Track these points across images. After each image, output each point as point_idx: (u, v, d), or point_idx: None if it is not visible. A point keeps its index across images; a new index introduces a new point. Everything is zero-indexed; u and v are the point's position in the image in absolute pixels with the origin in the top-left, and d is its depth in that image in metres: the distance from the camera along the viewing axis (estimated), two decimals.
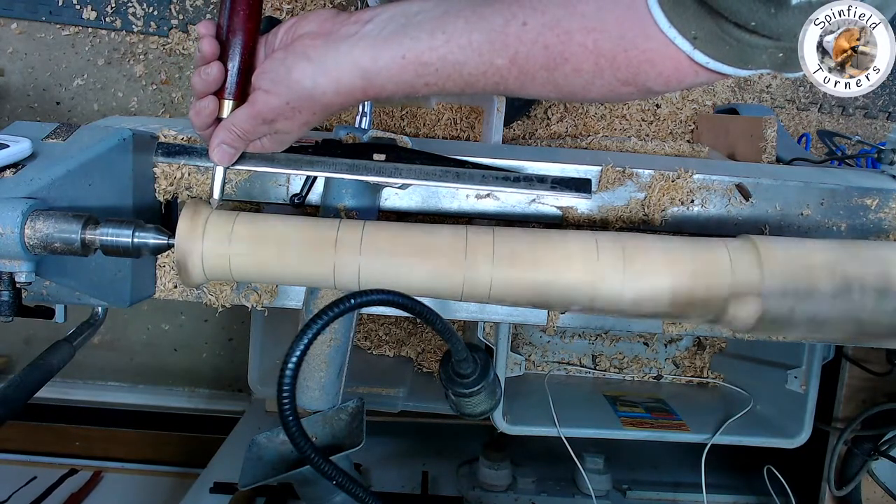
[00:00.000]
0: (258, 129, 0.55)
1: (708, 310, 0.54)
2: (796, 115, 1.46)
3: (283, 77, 0.52)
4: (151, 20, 1.37)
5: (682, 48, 0.46)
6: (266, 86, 0.52)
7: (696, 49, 0.46)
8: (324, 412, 0.71)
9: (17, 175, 0.54)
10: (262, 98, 0.53)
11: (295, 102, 0.52)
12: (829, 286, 0.52)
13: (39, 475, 1.40)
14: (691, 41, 0.46)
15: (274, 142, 0.57)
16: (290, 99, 0.52)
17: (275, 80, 0.52)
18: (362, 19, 0.52)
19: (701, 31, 0.45)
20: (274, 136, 0.56)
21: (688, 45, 0.46)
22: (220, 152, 0.55)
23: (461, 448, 1.34)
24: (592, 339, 1.35)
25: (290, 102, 0.52)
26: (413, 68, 0.50)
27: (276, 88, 0.52)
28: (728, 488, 1.24)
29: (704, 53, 0.46)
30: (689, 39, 0.46)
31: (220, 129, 0.55)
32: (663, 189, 0.68)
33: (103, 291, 0.62)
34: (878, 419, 1.05)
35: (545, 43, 0.48)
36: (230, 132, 0.54)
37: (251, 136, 0.55)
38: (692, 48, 0.46)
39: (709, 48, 0.46)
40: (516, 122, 1.39)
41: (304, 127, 0.55)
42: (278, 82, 0.52)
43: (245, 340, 1.32)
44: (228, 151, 0.56)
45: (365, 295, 0.44)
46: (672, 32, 0.46)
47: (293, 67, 0.51)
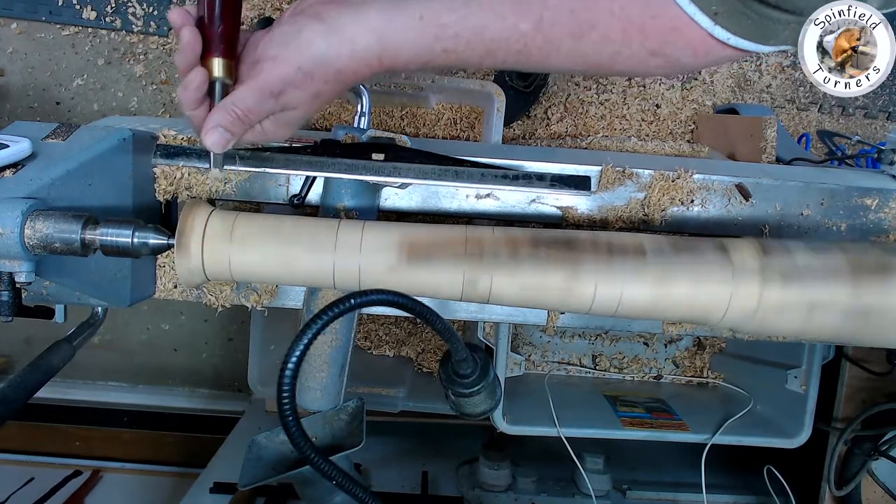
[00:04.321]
0: (263, 106, 0.48)
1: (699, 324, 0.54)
2: (796, 115, 1.46)
3: (293, 39, 0.47)
4: (151, 20, 1.37)
5: (702, 24, 0.45)
6: (274, 51, 0.48)
7: (717, 25, 0.45)
8: (324, 412, 0.71)
9: (16, 175, 0.54)
10: (268, 67, 0.48)
11: (307, 66, 0.47)
12: (821, 331, 0.52)
13: (39, 475, 1.40)
14: (712, 17, 0.44)
15: (278, 124, 0.51)
16: (301, 63, 0.47)
17: (283, 43, 0.47)
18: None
19: (722, 6, 0.44)
20: (279, 116, 0.50)
21: (708, 20, 0.45)
22: (216, 135, 0.48)
23: (461, 448, 1.34)
24: (592, 339, 1.35)
25: (301, 67, 0.47)
26: (431, 31, 0.47)
27: (286, 53, 0.47)
28: (728, 488, 1.24)
29: (726, 29, 0.45)
30: (710, 15, 0.44)
31: (217, 111, 0.48)
32: (663, 189, 0.68)
33: (103, 291, 0.62)
34: (878, 419, 1.05)
35: (571, 7, 0.46)
36: (229, 113, 0.48)
37: (254, 115, 0.49)
38: (713, 24, 0.45)
39: (731, 23, 0.45)
40: (516, 122, 1.39)
41: (314, 101, 0.50)
42: (287, 45, 0.47)
43: (245, 340, 1.32)
44: (225, 136, 0.48)
45: (365, 295, 0.44)
46: (692, 9, 0.45)
47: (304, 28, 0.47)
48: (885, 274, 0.51)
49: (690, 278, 0.53)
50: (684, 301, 0.53)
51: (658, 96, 1.41)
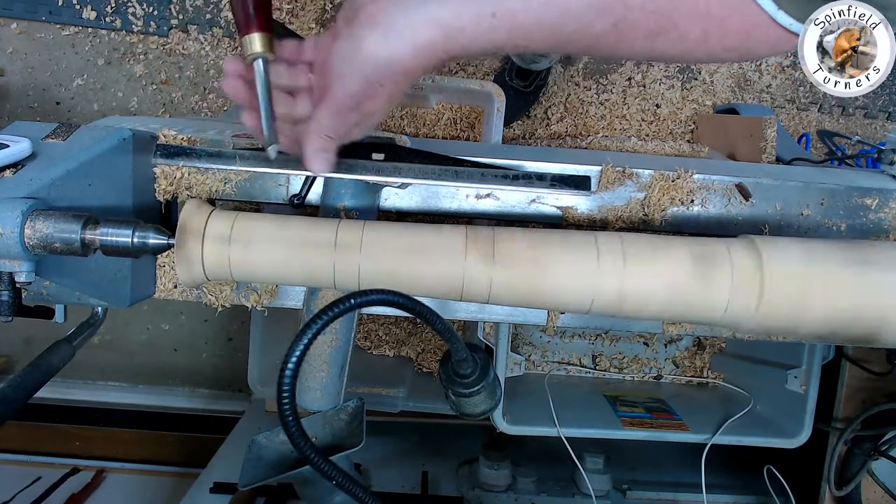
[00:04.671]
0: (347, 122, 0.51)
1: (701, 322, 0.54)
2: (796, 115, 1.46)
3: (355, 53, 0.47)
4: (151, 20, 1.37)
5: (765, 8, 0.43)
6: (339, 68, 0.48)
7: (781, 10, 0.43)
8: (324, 412, 0.71)
9: (16, 175, 0.54)
10: (338, 85, 0.48)
11: (374, 76, 0.47)
12: (819, 329, 0.52)
13: (39, 475, 1.40)
14: (775, 0, 0.43)
15: (363, 125, 0.53)
16: (367, 74, 0.47)
17: (346, 58, 0.47)
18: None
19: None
20: (363, 120, 0.52)
21: (772, 4, 0.43)
22: (319, 161, 0.52)
23: (461, 448, 1.34)
24: (592, 339, 1.35)
25: (368, 78, 0.47)
26: (506, 29, 0.45)
27: (350, 68, 0.47)
28: (728, 488, 1.24)
29: (789, 14, 0.43)
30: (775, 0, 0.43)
31: (310, 138, 0.51)
32: (663, 189, 0.68)
33: (103, 291, 0.62)
34: (878, 419, 1.05)
35: (654, 7, 0.44)
36: (320, 138, 0.51)
37: (341, 131, 0.51)
38: (776, 8, 0.43)
39: (794, 8, 0.43)
40: (516, 122, 1.39)
41: (390, 102, 0.51)
42: (350, 60, 0.47)
43: (245, 340, 1.32)
44: (328, 159, 0.52)
45: (365, 295, 0.44)
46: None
47: (363, 39, 0.46)
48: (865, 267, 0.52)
49: (697, 278, 0.53)
50: (693, 301, 0.53)
51: (658, 96, 1.41)
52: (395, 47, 0.46)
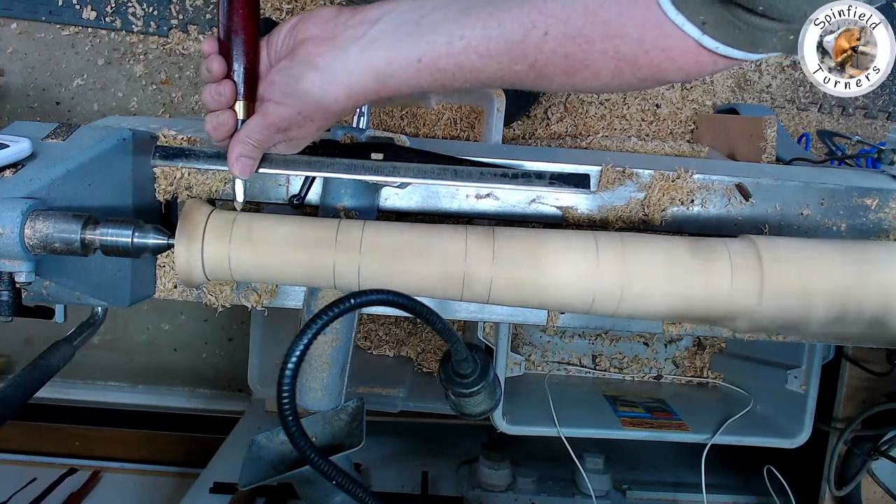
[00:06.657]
0: (273, 139, 0.55)
1: (703, 321, 0.54)
2: (796, 115, 1.46)
3: (293, 88, 0.51)
4: (151, 20, 1.37)
5: (690, 34, 0.46)
6: (276, 97, 0.52)
7: (706, 34, 0.45)
8: (324, 412, 0.71)
9: (16, 175, 0.54)
10: (272, 109, 0.52)
11: (306, 112, 0.52)
12: (824, 316, 0.52)
13: (39, 475, 1.40)
14: (700, 27, 0.45)
15: (289, 146, 0.57)
16: (301, 109, 0.51)
17: (284, 91, 0.51)
18: (369, 19, 0.50)
19: (710, 16, 0.45)
20: (289, 142, 0.56)
21: (696, 30, 0.45)
22: (241, 165, 0.55)
23: (461, 448, 1.34)
24: (592, 339, 1.35)
25: (301, 112, 0.52)
26: (429, 72, 0.49)
27: (286, 100, 0.51)
28: (728, 488, 1.24)
29: (714, 39, 0.46)
30: (698, 25, 0.45)
31: (236, 143, 0.54)
32: (663, 189, 0.68)
33: (103, 291, 0.62)
34: (878, 419, 1.05)
35: (565, 52, 0.47)
36: (246, 144, 0.54)
37: (266, 144, 0.55)
38: (701, 33, 0.45)
39: (718, 33, 0.45)
40: (516, 122, 1.39)
41: (318, 132, 0.55)
42: (288, 94, 0.51)
43: (245, 340, 1.32)
44: (248, 163, 0.56)
45: (365, 295, 0.44)
46: (680, 19, 0.45)
47: (301, 78, 0.50)
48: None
49: (701, 278, 0.53)
50: (697, 301, 0.53)
51: (658, 96, 1.41)
52: (330, 91, 0.50)
